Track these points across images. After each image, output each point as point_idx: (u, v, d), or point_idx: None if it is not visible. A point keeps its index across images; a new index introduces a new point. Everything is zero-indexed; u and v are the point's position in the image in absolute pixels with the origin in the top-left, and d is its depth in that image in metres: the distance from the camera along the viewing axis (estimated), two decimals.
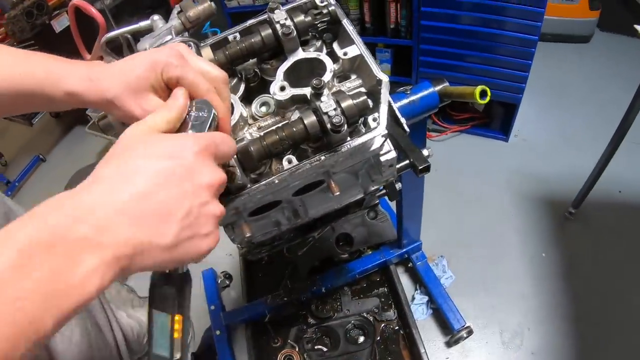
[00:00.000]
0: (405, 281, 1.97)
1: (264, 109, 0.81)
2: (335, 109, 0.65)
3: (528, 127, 2.54)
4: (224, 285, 1.93)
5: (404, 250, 1.81)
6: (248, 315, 1.78)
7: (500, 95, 2.29)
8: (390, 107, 0.82)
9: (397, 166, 0.94)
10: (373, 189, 1.01)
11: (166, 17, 0.89)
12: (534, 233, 2.10)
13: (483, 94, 1.04)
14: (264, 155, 0.67)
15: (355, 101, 0.69)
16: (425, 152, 1.07)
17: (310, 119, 0.67)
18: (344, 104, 0.67)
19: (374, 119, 0.72)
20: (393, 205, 2.01)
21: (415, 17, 2.21)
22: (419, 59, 2.36)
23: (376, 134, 0.71)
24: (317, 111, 0.67)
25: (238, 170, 0.65)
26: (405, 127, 0.98)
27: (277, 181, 0.68)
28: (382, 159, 0.86)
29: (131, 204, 0.43)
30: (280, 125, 0.69)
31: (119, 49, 0.95)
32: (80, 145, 3.14)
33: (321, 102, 0.65)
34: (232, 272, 2.05)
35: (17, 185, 3.22)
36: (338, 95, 0.68)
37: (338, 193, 0.76)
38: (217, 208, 0.52)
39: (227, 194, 0.68)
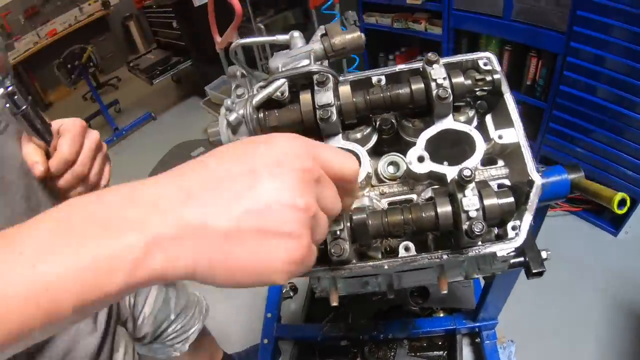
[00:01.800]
0: (466, 354, 1.81)
1: (391, 169, 0.73)
2: (477, 210, 0.55)
3: None
4: (287, 296, 1.89)
5: (478, 324, 1.66)
6: (301, 335, 1.73)
7: (621, 185, 2.04)
8: None
9: (510, 261, 0.83)
10: (476, 277, 0.90)
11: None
12: (615, 346, 1.85)
13: (622, 203, 0.89)
14: (382, 234, 0.59)
15: (500, 201, 0.58)
16: (543, 255, 0.94)
17: (446, 210, 0.57)
18: (487, 202, 0.56)
19: (514, 228, 0.61)
20: None
21: (555, 79, 2.02)
22: (548, 125, 2.15)
23: (512, 247, 0.60)
24: (454, 202, 0.58)
25: (347, 245, 0.57)
26: None
27: (386, 267, 0.60)
28: (499, 253, 0.75)
29: (190, 182, 0.35)
30: (407, 206, 0.60)
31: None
32: (191, 116, 3.26)
33: (464, 196, 0.56)
34: (300, 285, 2.00)
35: (123, 134, 3.45)
36: (482, 187, 0.58)
37: (446, 291, 0.66)
38: (310, 200, 0.36)
39: (326, 263, 0.61)
